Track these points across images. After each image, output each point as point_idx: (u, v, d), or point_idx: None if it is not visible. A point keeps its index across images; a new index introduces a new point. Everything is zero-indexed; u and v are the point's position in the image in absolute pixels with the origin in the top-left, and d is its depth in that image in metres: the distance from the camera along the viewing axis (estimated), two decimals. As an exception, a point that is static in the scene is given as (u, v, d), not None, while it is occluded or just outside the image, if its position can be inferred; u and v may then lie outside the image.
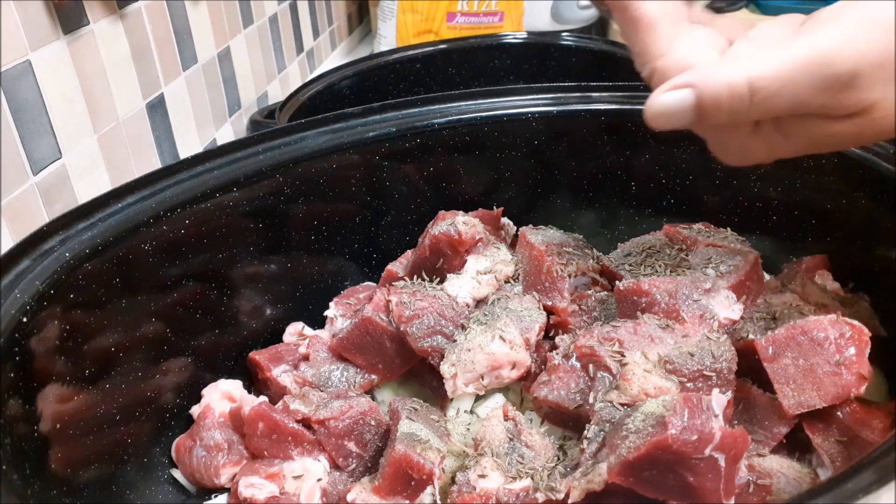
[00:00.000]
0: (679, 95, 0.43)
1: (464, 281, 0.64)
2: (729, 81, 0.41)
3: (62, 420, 0.49)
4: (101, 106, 0.78)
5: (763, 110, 0.42)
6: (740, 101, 0.42)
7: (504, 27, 1.40)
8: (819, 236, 0.66)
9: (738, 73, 0.41)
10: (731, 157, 0.48)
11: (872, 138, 0.43)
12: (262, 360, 0.65)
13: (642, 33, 0.46)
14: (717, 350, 0.52)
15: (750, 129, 0.45)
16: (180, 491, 0.60)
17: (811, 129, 0.43)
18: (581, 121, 0.72)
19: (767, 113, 0.43)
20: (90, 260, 0.53)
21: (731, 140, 0.47)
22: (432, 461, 0.51)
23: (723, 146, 0.48)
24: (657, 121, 0.44)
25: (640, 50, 0.47)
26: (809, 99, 0.41)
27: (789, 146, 0.45)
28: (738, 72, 0.41)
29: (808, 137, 0.44)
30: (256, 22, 1.17)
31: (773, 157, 0.46)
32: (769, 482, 0.49)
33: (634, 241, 0.68)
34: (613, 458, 0.45)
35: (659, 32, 0.45)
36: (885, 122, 0.42)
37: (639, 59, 0.47)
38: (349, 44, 1.67)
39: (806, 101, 0.41)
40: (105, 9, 0.78)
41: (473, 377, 0.58)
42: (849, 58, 0.40)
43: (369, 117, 0.71)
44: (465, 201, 0.73)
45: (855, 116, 0.42)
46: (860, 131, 0.43)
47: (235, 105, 1.10)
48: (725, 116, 0.43)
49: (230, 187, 0.63)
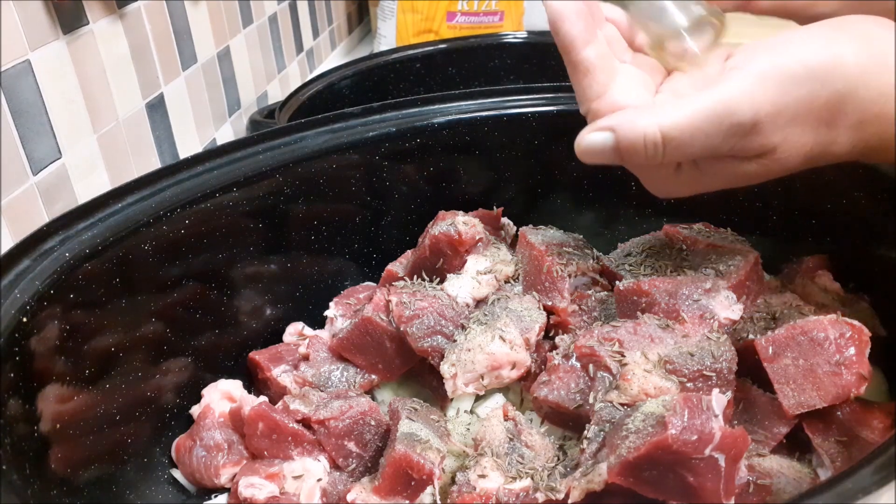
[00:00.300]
0: (601, 137, 0.48)
1: (464, 281, 0.64)
2: (644, 131, 0.46)
3: (62, 420, 0.49)
4: (100, 106, 0.78)
5: (678, 155, 0.46)
6: (654, 148, 0.46)
7: (504, 27, 1.40)
8: (819, 236, 0.66)
9: (651, 122, 0.45)
10: (659, 192, 0.53)
11: (782, 173, 0.48)
12: (262, 360, 0.65)
13: (580, 77, 0.50)
14: (717, 350, 0.52)
15: (672, 169, 0.50)
16: (180, 491, 0.60)
17: (725, 168, 0.48)
18: (581, 121, 0.72)
19: (682, 157, 0.47)
20: (90, 260, 0.53)
21: (657, 178, 0.52)
22: (432, 461, 0.51)
23: (651, 182, 0.53)
24: (584, 157, 0.49)
25: (578, 91, 0.51)
26: (718, 144, 0.46)
27: (709, 182, 0.50)
28: (651, 121, 0.45)
29: (723, 175, 0.49)
30: (256, 21, 1.17)
31: (695, 191, 0.51)
32: (769, 482, 0.49)
33: (634, 241, 0.68)
34: (613, 458, 0.45)
35: (594, 77, 0.49)
36: (788, 161, 0.47)
37: (577, 97, 0.51)
38: (349, 43, 1.67)
39: (715, 146, 0.46)
40: (104, 9, 0.78)
41: (473, 377, 0.58)
42: (748, 108, 0.44)
43: (369, 117, 0.71)
44: (465, 201, 0.73)
45: (761, 157, 0.47)
46: (768, 169, 0.47)
47: (235, 105, 1.10)
48: (643, 159, 0.47)
49: (230, 187, 0.63)
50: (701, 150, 0.46)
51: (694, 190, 0.51)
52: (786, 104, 0.44)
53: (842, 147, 0.46)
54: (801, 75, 0.44)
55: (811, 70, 0.44)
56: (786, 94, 0.44)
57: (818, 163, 0.47)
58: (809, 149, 0.46)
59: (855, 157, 0.47)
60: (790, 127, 0.45)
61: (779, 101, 0.44)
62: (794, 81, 0.44)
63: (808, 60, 0.44)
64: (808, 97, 0.44)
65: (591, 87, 0.49)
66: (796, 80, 0.44)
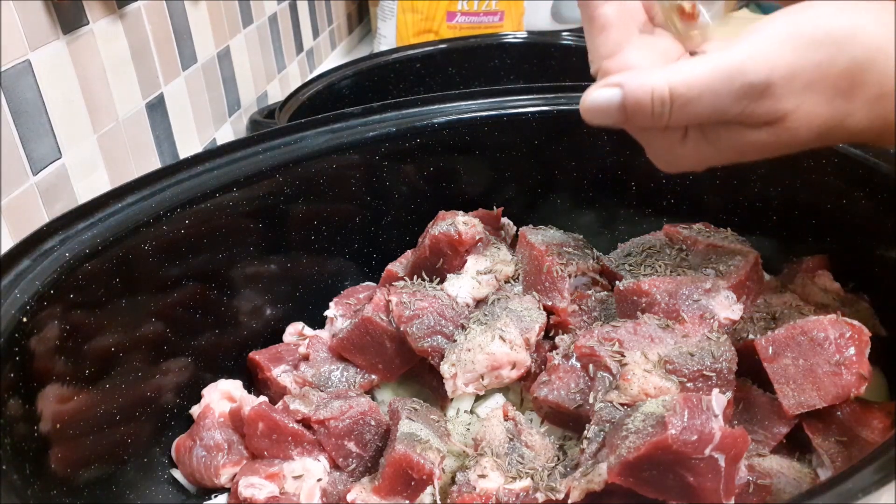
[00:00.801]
0: (607, 93, 0.46)
1: (464, 281, 0.64)
2: (652, 85, 0.44)
3: (62, 420, 0.49)
4: (100, 106, 0.78)
5: (684, 116, 0.45)
6: (662, 105, 0.44)
7: (504, 27, 1.40)
8: (819, 236, 0.66)
9: (660, 78, 0.44)
10: (664, 164, 0.51)
11: (792, 147, 0.46)
12: (262, 360, 0.65)
13: (595, 33, 0.48)
14: (717, 350, 0.52)
15: (679, 136, 0.48)
16: (180, 491, 0.60)
17: (732, 136, 0.46)
18: (581, 121, 0.72)
19: (689, 119, 0.45)
20: (90, 260, 0.53)
21: (662, 146, 0.49)
22: (432, 461, 0.51)
23: (655, 152, 0.51)
24: (588, 115, 0.47)
25: (592, 48, 0.49)
26: (727, 106, 0.44)
27: (715, 154, 0.48)
28: (661, 77, 0.44)
29: (730, 146, 0.47)
30: (256, 21, 1.17)
31: (701, 164, 0.49)
32: (769, 482, 0.49)
33: (634, 241, 0.68)
34: (613, 458, 0.45)
35: (609, 34, 0.48)
36: (800, 132, 0.44)
37: (590, 55, 0.50)
38: (349, 43, 1.67)
39: (724, 109, 0.44)
40: (104, 8, 0.78)
41: (473, 377, 0.58)
42: (762, 68, 0.42)
43: (369, 117, 0.71)
44: (465, 201, 0.73)
45: (771, 125, 0.45)
46: (778, 139, 0.45)
47: (235, 105, 1.10)
48: (649, 119, 0.45)
49: (230, 187, 0.63)
50: (709, 112, 0.44)
51: (699, 162, 0.49)
52: (802, 67, 0.42)
53: (858, 122, 0.44)
54: (819, 39, 0.42)
55: (830, 34, 0.42)
56: (802, 56, 0.42)
57: (832, 139, 0.45)
58: (823, 120, 0.44)
59: (871, 137, 0.45)
60: (805, 93, 0.43)
61: (794, 63, 0.42)
62: (811, 44, 0.42)
63: (828, 25, 0.42)
64: (825, 62, 0.42)
65: (605, 45, 0.48)
66: (814, 44, 0.42)
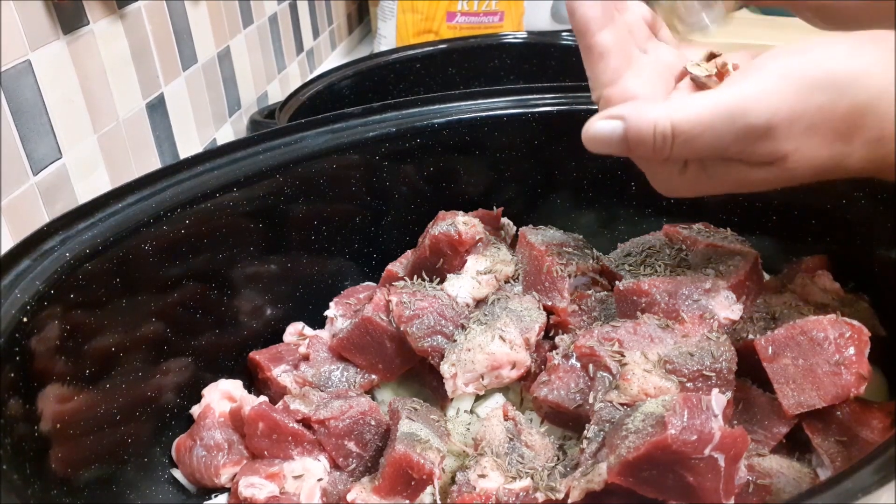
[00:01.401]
0: (610, 125, 0.46)
1: (464, 281, 0.64)
2: (655, 120, 0.44)
3: (62, 420, 0.49)
4: (101, 106, 0.78)
5: (685, 151, 0.45)
6: (663, 141, 0.45)
7: (504, 27, 1.40)
8: (819, 236, 0.66)
9: (663, 114, 0.44)
10: (664, 190, 0.52)
11: (789, 183, 0.46)
12: (263, 360, 0.65)
13: (595, 61, 0.49)
14: (716, 350, 0.52)
15: (679, 167, 0.48)
16: (180, 491, 0.60)
17: (731, 172, 0.47)
18: (581, 121, 0.71)
19: (690, 154, 0.46)
20: (90, 260, 0.53)
21: (661, 175, 0.50)
22: (432, 461, 0.51)
23: (655, 178, 0.51)
24: (590, 144, 0.48)
25: (591, 78, 0.50)
26: (728, 145, 0.44)
27: (714, 186, 0.48)
28: (663, 113, 0.44)
29: (729, 180, 0.47)
30: (256, 22, 1.17)
31: (700, 193, 0.50)
32: (769, 482, 0.49)
33: (634, 241, 0.68)
34: (613, 458, 0.45)
35: (608, 62, 0.48)
36: (798, 171, 0.45)
37: (590, 83, 0.50)
38: (349, 44, 1.67)
39: (724, 147, 0.44)
40: (105, 9, 0.78)
41: (473, 377, 0.58)
42: (763, 110, 0.42)
43: (369, 117, 0.71)
44: (465, 201, 0.73)
45: (770, 164, 0.45)
46: (776, 177, 0.46)
47: (235, 105, 1.10)
48: (650, 152, 0.45)
49: (230, 187, 0.63)
50: (710, 149, 0.45)
51: (698, 191, 0.50)
52: (804, 111, 0.42)
53: (856, 163, 0.44)
54: (822, 82, 0.42)
55: (833, 78, 0.42)
56: (804, 100, 0.42)
57: (829, 176, 0.46)
58: (822, 161, 0.44)
59: (869, 174, 0.45)
60: (805, 136, 0.43)
61: (796, 106, 0.42)
62: (814, 87, 0.42)
63: (832, 67, 0.42)
64: (827, 106, 0.42)
65: (604, 73, 0.48)
66: (817, 87, 0.42)
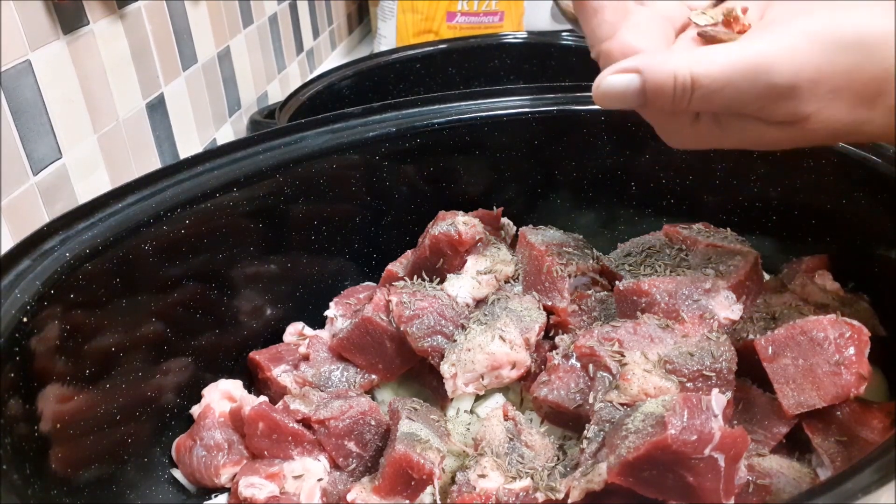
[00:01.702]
0: (625, 79, 0.45)
1: (464, 281, 0.64)
2: (675, 72, 0.43)
3: (62, 420, 0.49)
4: (101, 106, 0.78)
5: (703, 105, 0.44)
6: (683, 93, 0.43)
7: (504, 27, 1.40)
8: (819, 236, 0.66)
9: (683, 65, 0.43)
10: (673, 142, 0.50)
11: (803, 144, 0.45)
12: (263, 360, 0.65)
13: (589, 17, 0.48)
14: (716, 350, 0.52)
15: (691, 118, 0.47)
16: (180, 491, 0.60)
17: (746, 129, 0.45)
18: (581, 121, 0.72)
19: (707, 108, 0.45)
20: (90, 260, 0.53)
21: (672, 126, 0.49)
22: (432, 461, 0.51)
23: (665, 130, 0.50)
24: (604, 100, 0.46)
25: (588, 34, 0.49)
26: (747, 102, 0.43)
27: (725, 140, 0.47)
28: (683, 65, 0.43)
29: (742, 136, 0.46)
30: (256, 22, 1.17)
31: (711, 146, 0.48)
32: (769, 482, 0.49)
33: (634, 241, 0.68)
34: (613, 458, 0.45)
35: (603, 17, 0.47)
36: (818, 134, 0.44)
37: (588, 42, 0.49)
38: (349, 44, 1.67)
39: (744, 104, 0.43)
40: (105, 9, 0.78)
41: (473, 377, 0.58)
42: (788, 70, 0.41)
43: (369, 117, 0.71)
44: (465, 201, 0.73)
45: (789, 125, 0.44)
46: (791, 137, 0.45)
47: (235, 105, 1.10)
48: (668, 105, 0.44)
49: (230, 187, 0.63)
50: (728, 104, 0.43)
51: (708, 144, 0.48)
52: (829, 72, 0.41)
53: (876, 128, 0.43)
54: (849, 43, 0.40)
55: (861, 39, 0.40)
56: (830, 60, 0.41)
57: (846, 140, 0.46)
58: (842, 125, 0.43)
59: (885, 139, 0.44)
60: (828, 100, 0.42)
61: (822, 67, 0.41)
62: (841, 48, 0.41)
63: (859, 28, 0.40)
64: (853, 68, 0.41)
65: (600, 27, 0.48)
66: (844, 48, 0.40)
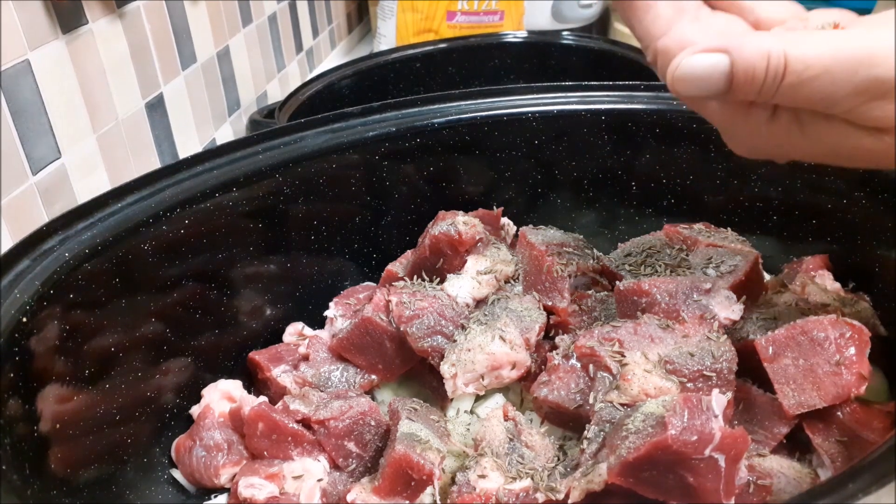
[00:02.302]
0: (711, 60, 0.40)
1: (464, 281, 0.64)
2: (769, 51, 0.39)
3: (62, 420, 0.49)
4: (100, 106, 0.78)
5: (789, 95, 0.40)
6: (774, 77, 0.39)
7: (504, 26, 1.40)
8: (819, 236, 0.66)
9: (777, 46, 0.39)
10: (745, 148, 0.46)
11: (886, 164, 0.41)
12: (262, 360, 0.65)
13: (640, 15, 0.45)
14: (717, 350, 0.52)
15: (768, 115, 0.43)
16: (180, 491, 0.60)
17: (831, 132, 0.41)
18: (581, 121, 0.72)
19: (794, 100, 0.40)
20: (90, 260, 0.53)
21: (745, 125, 0.44)
22: (432, 461, 0.51)
23: (734, 131, 0.45)
24: (681, 84, 0.42)
25: (641, 33, 0.45)
26: (841, 98, 0.39)
27: (806, 147, 0.43)
28: (777, 45, 0.39)
29: (825, 142, 0.42)
30: (256, 21, 1.17)
31: (784, 154, 0.44)
32: (769, 482, 0.49)
33: (634, 241, 0.68)
34: (613, 459, 0.45)
35: (657, 13, 0.44)
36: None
37: (642, 43, 0.46)
38: (349, 43, 1.67)
39: (836, 100, 0.39)
40: (104, 8, 0.78)
41: (473, 377, 0.58)
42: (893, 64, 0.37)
43: (369, 117, 0.71)
44: (465, 201, 0.73)
45: (880, 132, 0.40)
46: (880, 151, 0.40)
47: (235, 105, 1.10)
48: (755, 91, 0.40)
49: (230, 187, 0.63)
50: (818, 98, 0.39)
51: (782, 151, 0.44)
52: None
53: None
54: None
55: None
56: None
57: None
58: None
59: None
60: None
61: None
62: None
63: None
64: None
65: (654, 24, 0.44)
66: None
